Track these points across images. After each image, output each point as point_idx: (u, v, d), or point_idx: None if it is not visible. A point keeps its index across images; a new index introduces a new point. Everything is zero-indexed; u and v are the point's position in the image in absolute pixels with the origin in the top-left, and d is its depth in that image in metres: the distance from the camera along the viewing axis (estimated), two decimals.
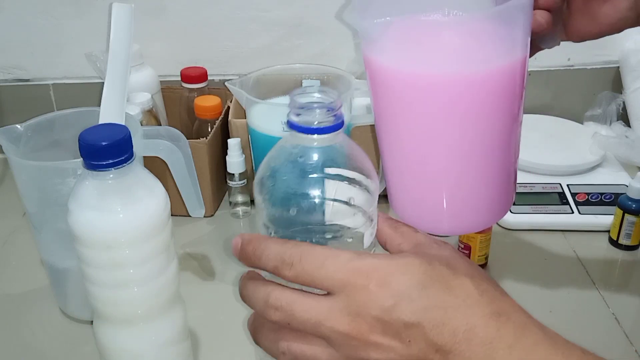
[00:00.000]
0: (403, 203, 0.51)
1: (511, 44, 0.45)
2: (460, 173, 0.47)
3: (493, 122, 0.46)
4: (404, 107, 0.46)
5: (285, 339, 0.39)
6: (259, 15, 0.98)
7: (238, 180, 0.84)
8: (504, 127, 0.47)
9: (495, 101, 0.45)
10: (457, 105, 0.44)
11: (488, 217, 0.51)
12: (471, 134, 0.45)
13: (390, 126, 0.48)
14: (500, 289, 0.39)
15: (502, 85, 0.45)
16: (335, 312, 0.37)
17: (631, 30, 0.61)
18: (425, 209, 0.50)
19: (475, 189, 0.48)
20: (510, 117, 0.46)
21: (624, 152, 0.91)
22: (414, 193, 0.50)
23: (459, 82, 0.44)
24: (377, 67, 0.46)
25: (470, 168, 0.47)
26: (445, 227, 0.51)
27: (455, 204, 0.49)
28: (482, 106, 0.45)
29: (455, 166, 0.47)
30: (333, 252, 0.38)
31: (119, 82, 0.64)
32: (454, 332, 0.36)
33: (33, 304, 0.72)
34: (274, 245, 0.39)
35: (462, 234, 0.50)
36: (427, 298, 0.36)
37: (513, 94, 0.46)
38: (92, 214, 0.48)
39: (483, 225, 0.51)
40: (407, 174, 0.50)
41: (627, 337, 0.66)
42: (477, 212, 0.49)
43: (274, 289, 0.39)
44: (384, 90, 0.47)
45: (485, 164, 0.47)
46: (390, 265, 0.37)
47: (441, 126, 0.45)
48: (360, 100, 0.80)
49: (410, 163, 0.49)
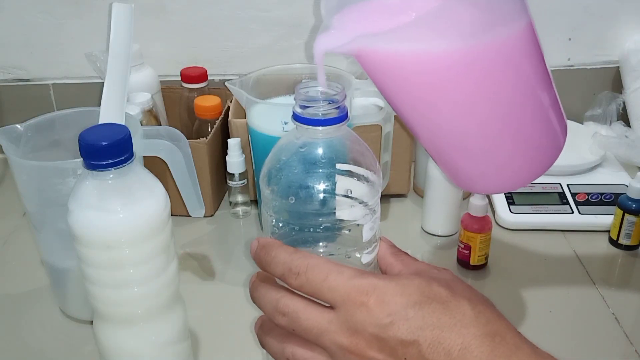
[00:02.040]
0: (471, 177, 0.53)
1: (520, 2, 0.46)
2: (515, 131, 0.49)
3: (528, 76, 0.47)
4: (443, 89, 0.45)
5: (291, 345, 0.41)
6: (259, 15, 0.98)
7: (238, 180, 0.84)
8: (538, 75, 0.48)
9: (522, 59, 0.46)
10: (492, 73, 0.45)
11: (552, 152, 0.52)
12: (513, 95, 0.47)
13: (432, 115, 0.48)
14: (497, 312, 0.40)
15: (527, 44, 0.46)
16: (335, 326, 0.38)
17: (631, 30, 0.61)
18: (493, 174, 0.52)
19: (531, 140, 0.50)
20: (540, 68, 0.48)
21: (624, 152, 0.91)
22: (478, 165, 0.51)
23: (488, 52, 0.44)
24: (399, 62, 0.45)
25: (518, 125, 0.48)
26: (520, 180, 0.53)
27: (516, 160, 0.51)
28: (515, 66, 0.46)
29: (509, 127, 0.48)
30: (338, 267, 0.39)
31: (119, 82, 0.64)
32: (449, 350, 0.37)
33: (33, 304, 0.72)
34: (284, 254, 0.41)
35: (531, 182, 0.52)
36: (423, 317, 0.37)
37: (537, 48, 0.47)
38: (92, 214, 0.48)
39: (548, 166, 0.52)
40: (461, 150, 0.50)
41: (627, 337, 0.66)
42: (542, 154, 0.52)
43: (284, 295, 0.41)
44: (413, 80, 0.46)
45: (530, 117, 0.49)
46: (389, 285, 0.39)
47: (482, 96, 0.46)
48: (360, 100, 0.80)
49: (464, 138, 0.49)
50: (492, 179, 0.53)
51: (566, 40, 1.00)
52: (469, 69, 0.44)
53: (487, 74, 0.45)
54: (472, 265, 0.75)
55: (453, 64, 0.44)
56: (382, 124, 0.77)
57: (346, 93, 0.43)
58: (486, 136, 0.48)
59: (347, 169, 0.43)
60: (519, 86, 0.47)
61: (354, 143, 0.44)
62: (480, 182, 0.54)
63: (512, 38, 0.45)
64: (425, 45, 0.43)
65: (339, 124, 0.42)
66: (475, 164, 0.51)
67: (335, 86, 0.43)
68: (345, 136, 0.44)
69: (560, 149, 0.52)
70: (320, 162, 0.42)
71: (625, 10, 0.99)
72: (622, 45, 1.00)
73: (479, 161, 0.51)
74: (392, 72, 0.46)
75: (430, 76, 0.44)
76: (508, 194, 0.86)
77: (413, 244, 0.82)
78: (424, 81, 0.45)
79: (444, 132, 0.49)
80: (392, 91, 0.48)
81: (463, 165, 0.52)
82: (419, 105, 0.47)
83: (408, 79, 0.45)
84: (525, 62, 0.47)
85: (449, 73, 0.44)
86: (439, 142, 0.51)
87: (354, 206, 0.43)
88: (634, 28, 1.01)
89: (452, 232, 0.82)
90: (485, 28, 0.43)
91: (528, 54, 0.47)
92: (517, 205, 0.84)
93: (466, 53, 0.43)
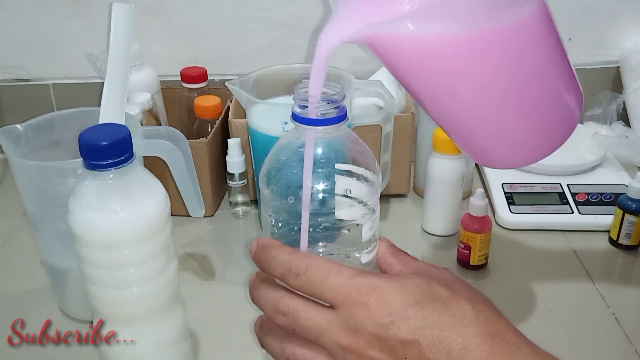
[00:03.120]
0: (489, 153, 0.53)
1: None
2: (533, 109, 0.48)
3: (547, 52, 0.47)
4: (460, 71, 0.44)
5: (291, 345, 0.41)
6: (259, 15, 0.98)
7: (238, 180, 0.84)
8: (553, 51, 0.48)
9: (539, 37, 0.46)
10: (510, 53, 0.44)
11: (570, 123, 0.52)
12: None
13: (448, 96, 0.46)
14: (497, 311, 0.40)
15: (543, 22, 0.46)
16: (335, 325, 0.38)
17: (631, 30, 0.61)
18: (523, 149, 0.51)
19: (549, 115, 0.49)
20: (556, 44, 0.48)
21: (624, 152, 0.91)
22: (497, 141, 0.51)
23: (505, 32, 0.44)
24: (413, 46, 0.44)
25: (538, 102, 0.48)
26: (539, 154, 0.52)
27: (543, 130, 0.50)
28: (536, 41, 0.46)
29: (529, 105, 0.48)
30: (337, 267, 0.39)
31: (119, 82, 0.64)
32: (449, 350, 0.37)
33: (33, 304, 0.72)
34: (283, 254, 0.41)
35: (550, 154, 0.52)
36: (424, 317, 0.37)
37: (552, 25, 0.47)
38: (92, 214, 0.48)
39: (566, 138, 0.52)
40: (478, 128, 0.50)
41: (627, 337, 0.66)
42: (560, 127, 0.51)
43: (284, 295, 0.40)
44: (428, 63, 0.45)
45: (549, 93, 0.48)
46: (389, 284, 0.38)
47: (501, 77, 0.45)
48: (360, 100, 0.80)
49: (481, 118, 0.48)
50: (513, 155, 0.52)
51: (566, 40, 1.00)
52: (486, 50, 0.43)
53: (506, 54, 0.44)
54: (472, 265, 0.75)
55: (469, 46, 0.43)
56: (382, 124, 0.77)
57: (345, 93, 0.43)
58: (504, 115, 0.48)
59: (347, 168, 0.43)
60: (537, 64, 0.46)
61: (353, 143, 0.44)
62: (499, 158, 0.53)
63: (530, 16, 0.44)
64: (441, 27, 0.42)
65: (338, 124, 0.42)
66: (494, 140, 0.51)
67: (334, 86, 0.43)
68: (345, 136, 0.43)
69: (577, 120, 0.52)
70: (320, 162, 0.42)
71: (625, 10, 0.99)
72: (622, 45, 1.01)
73: (498, 138, 0.50)
74: (406, 56, 0.44)
75: (446, 58, 0.43)
76: (508, 194, 0.86)
77: (413, 244, 0.82)
78: (439, 64, 0.44)
79: (461, 112, 0.48)
80: (407, 75, 0.47)
81: (480, 142, 0.51)
82: (434, 86, 0.46)
83: (423, 62, 0.44)
84: (542, 40, 0.46)
85: (465, 55, 0.43)
86: (456, 122, 0.50)
87: (353, 206, 0.43)
88: (634, 28, 1.01)
89: (452, 232, 0.82)
90: (501, 7, 0.43)
91: (545, 31, 0.46)
92: (517, 205, 0.84)
93: (483, 34, 0.43)
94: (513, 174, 0.89)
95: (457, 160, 0.78)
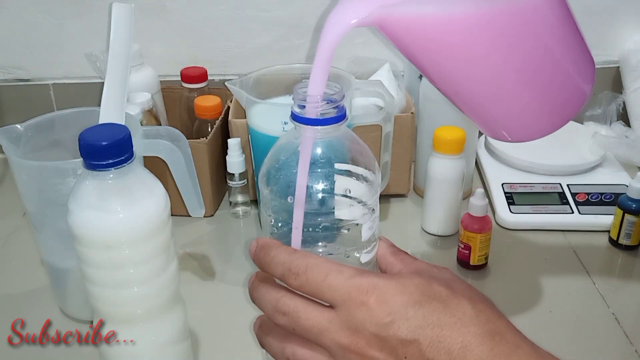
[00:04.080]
0: (517, 128, 0.53)
1: None
2: (546, 84, 0.48)
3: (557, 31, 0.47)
4: (470, 49, 0.44)
5: (291, 345, 0.41)
6: (259, 15, 0.98)
7: (238, 180, 0.84)
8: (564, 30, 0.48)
9: (551, 13, 0.46)
10: (521, 30, 0.44)
11: (581, 97, 0.52)
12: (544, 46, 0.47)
13: (459, 74, 0.47)
14: (497, 311, 0.40)
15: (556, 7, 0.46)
16: (335, 325, 0.38)
17: (631, 30, 0.61)
18: (535, 122, 0.51)
19: (561, 89, 0.50)
20: (568, 17, 0.48)
21: (624, 152, 0.91)
22: (508, 116, 0.51)
23: (515, 9, 0.43)
24: (423, 26, 0.43)
25: (551, 77, 0.49)
26: (550, 127, 0.52)
27: (554, 103, 0.50)
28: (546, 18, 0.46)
29: (541, 81, 0.48)
30: (337, 266, 0.39)
31: (119, 82, 0.64)
32: (449, 349, 0.37)
33: (33, 304, 0.72)
34: (283, 254, 0.41)
35: (561, 127, 0.52)
36: (424, 316, 0.37)
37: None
38: (92, 214, 0.48)
39: (577, 111, 0.52)
40: (489, 104, 0.50)
41: (627, 337, 0.66)
42: (571, 101, 0.51)
43: (284, 294, 0.41)
44: (439, 42, 0.45)
45: (560, 69, 0.49)
46: (389, 284, 0.39)
47: (512, 54, 0.45)
48: (360, 100, 0.80)
49: (491, 96, 0.49)
50: (525, 128, 0.52)
51: None
52: (502, 28, 0.43)
53: (521, 30, 0.44)
54: (472, 265, 0.75)
55: (485, 24, 0.43)
56: (382, 124, 0.77)
57: (345, 93, 0.43)
58: (516, 91, 0.48)
59: (346, 168, 0.43)
60: (548, 41, 0.46)
61: (353, 143, 0.44)
62: (512, 132, 0.53)
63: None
64: (450, 6, 0.42)
65: (337, 124, 0.42)
66: (504, 116, 0.51)
67: (333, 86, 0.43)
68: (344, 136, 0.44)
69: (587, 95, 0.52)
70: (319, 162, 0.42)
71: (625, 10, 0.99)
72: (622, 45, 1.01)
73: (510, 113, 0.50)
74: (419, 37, 0.44)
75: (461, 38, 0.43)
76: (508, 194, 0.86)
77: (413, 244, 0.82)
78: (454, 44, 0.44)
79: (474, 89, 0.48)
80: (419, 54, 0.46)
81: (492, 115, 0.51)
82: (448, 66, 0.46)
83: (437, 42, 0.44)
84: (557, 15, 0.46)
85: (481, 33, 0.43)
86: (468, 98, 0.50)
87: (353, 206, 0.43)
88: (634, 28, 1.01)
89: (452, 232, 0.82)
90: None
91: (561, 6, 0.46)
92: (517, 205, 0.84)
93: (497, 11, 0.42)
94: (513, 174, 0.90)
95: (457, 160, 0.78)
